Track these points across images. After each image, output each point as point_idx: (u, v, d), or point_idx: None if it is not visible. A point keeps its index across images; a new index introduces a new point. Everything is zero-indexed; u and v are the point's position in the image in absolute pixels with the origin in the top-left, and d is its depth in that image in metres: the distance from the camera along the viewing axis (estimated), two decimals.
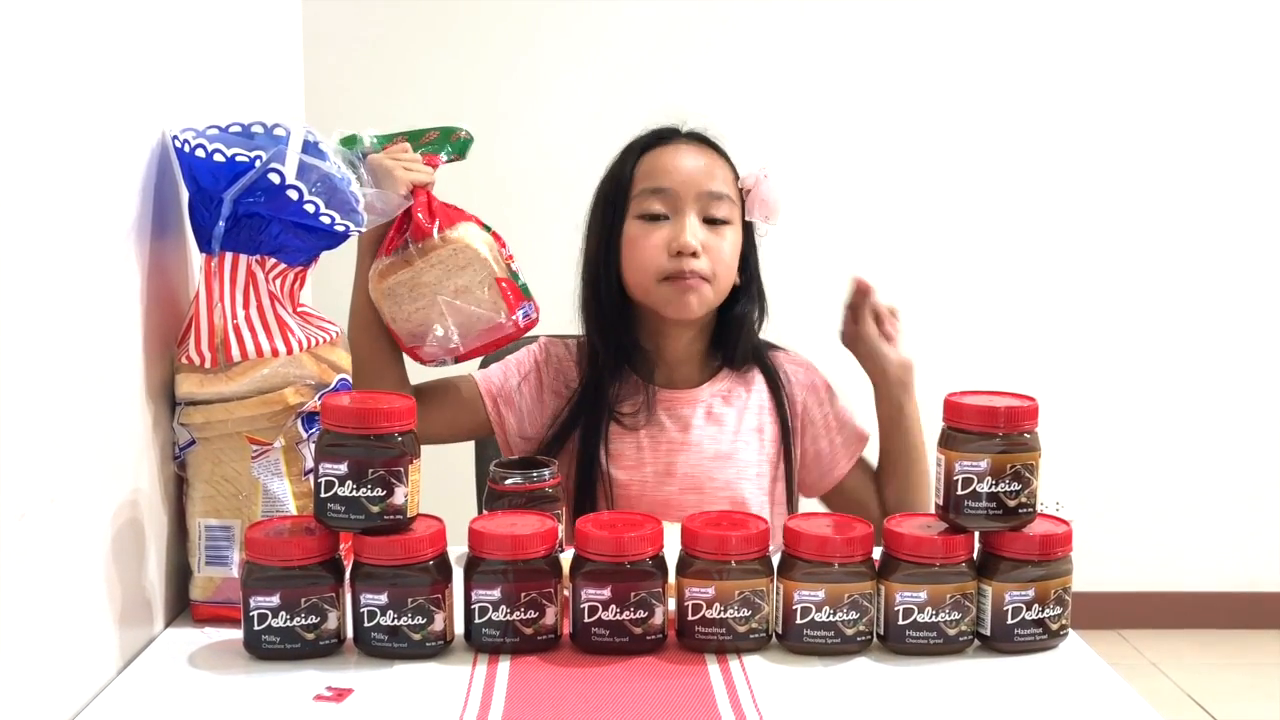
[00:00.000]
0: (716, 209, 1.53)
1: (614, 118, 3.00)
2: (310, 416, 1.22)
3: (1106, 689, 1.10)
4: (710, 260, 1.52)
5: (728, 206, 1.54)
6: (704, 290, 1.52)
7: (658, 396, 1.59)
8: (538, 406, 1.59)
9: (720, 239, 1.53)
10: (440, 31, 3.09)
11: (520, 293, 1.49)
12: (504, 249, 1.49)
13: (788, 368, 1.65)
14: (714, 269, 1.52)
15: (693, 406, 1.59)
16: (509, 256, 1.49)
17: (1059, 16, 3.16)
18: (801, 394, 1.64)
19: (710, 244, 1.52)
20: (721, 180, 1.54)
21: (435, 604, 1.11)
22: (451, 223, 1.46)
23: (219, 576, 1.21)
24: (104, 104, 1.10)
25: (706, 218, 1.52)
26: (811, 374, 1.66)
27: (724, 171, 1.56)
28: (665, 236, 1.51)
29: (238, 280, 1.21)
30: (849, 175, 3.16)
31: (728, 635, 1.13)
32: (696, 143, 1.57)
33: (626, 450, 1.56)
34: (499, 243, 1.50)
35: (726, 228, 1.54)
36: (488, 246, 1.47)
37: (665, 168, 1.54)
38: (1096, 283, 3.25)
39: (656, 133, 1.58)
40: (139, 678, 1.10)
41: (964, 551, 1.15)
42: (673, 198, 1.52)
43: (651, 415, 1.57)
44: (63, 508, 1.01)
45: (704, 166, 1.54)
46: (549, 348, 1.63)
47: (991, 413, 1.14)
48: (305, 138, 1.23)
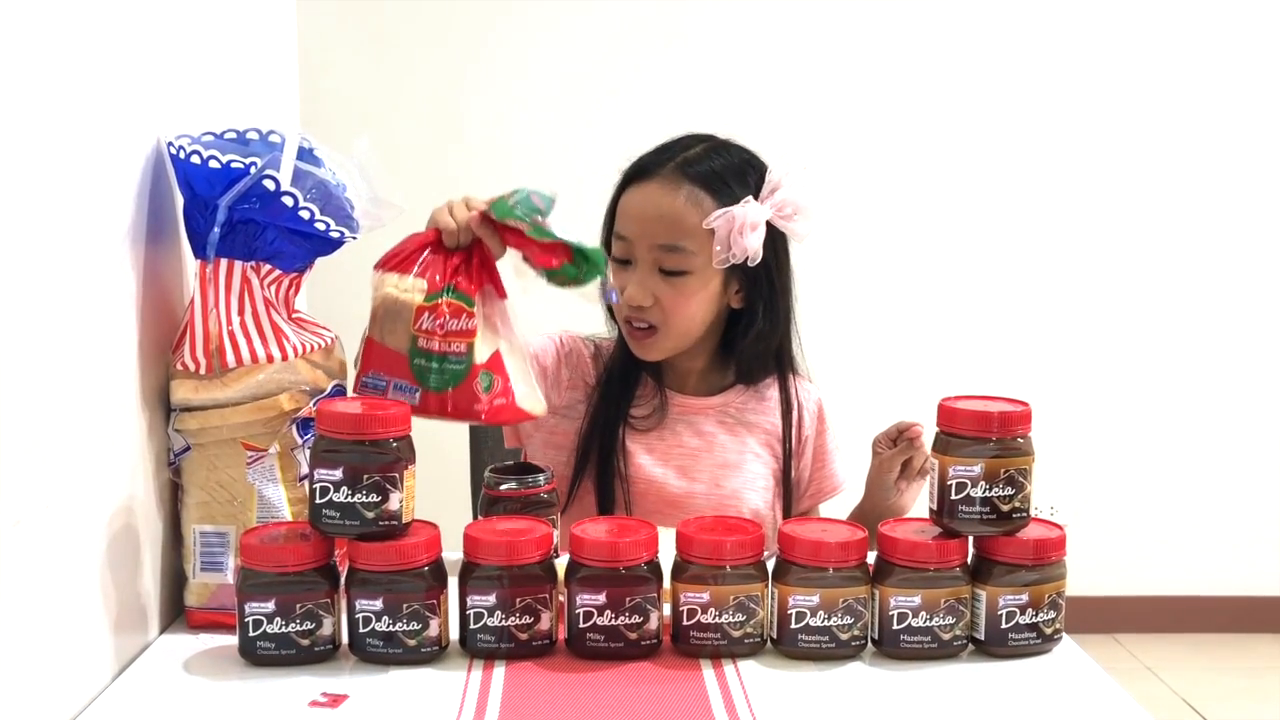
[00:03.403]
0: (670, 261, 1.48)
1: (613, 120, 3.02)
2: (305, 422, 1.22)
3: (1101, 693, 1.10)
4: (662, 311, 1.49)
5: (686, 257, 1.48)
6: (653, 340, 1.52)
7: (672, 400, 1.59)
8: (555, 391, 1.58)
9: (674, 290, 1.49)
10: (435, 38, 3.09)
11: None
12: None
13: (802, 395, 1.64)
14: (665, 319, 1.50)
15: (705, 415, 1.59)
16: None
17: (1052, 19, 3.16)
18: (810, 423, 1.64)
19: (662, 295, 1.49)
20: (684, 227, 1.47)
21: (430, 610, 1.11)
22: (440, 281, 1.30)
23: (214, 582, 1.21)
24: (99, 110, 1.10)
25: (662, 269, 1.49)
26: (819, 405, 1.66)
27: (693, 214, 1.47)
28: (624, 282, 1.50)
29: (233, 286, 1.21)
30: (845, 181, 3.16)
31: (723, 640, 1.14)
32: (674, 178, 1.48)
33: (641, 449, 1.57)
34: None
35: (685, 277, 1.49)
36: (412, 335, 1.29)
37: (630, 213, 1.50)
38: (1091, 287, 3.25)
39: (639, 165, 1.52)
40: (134, 684, 1.10)
41: (958, 556, 1.16)
42: (630, 246, 1.50)
43: (665, 418, 1.58)
44: (58, 514, 1.01)
45: (667, 214, 1.47)
46: (568, 341, 1.62)
47: (985, 417, 1.14)
48: (300, 144, 1.23)
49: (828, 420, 1.65)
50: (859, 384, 3.03)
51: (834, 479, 1.65)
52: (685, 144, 1.53)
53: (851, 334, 3.16)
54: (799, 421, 1.61)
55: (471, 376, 1.28)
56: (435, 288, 1.28)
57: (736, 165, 1.52)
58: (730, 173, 1.50)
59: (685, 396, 1.60)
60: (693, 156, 1.50)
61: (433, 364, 1.27)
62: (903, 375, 3.16)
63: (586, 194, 1.61)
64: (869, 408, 3.12)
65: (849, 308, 3.17)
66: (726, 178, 1.49)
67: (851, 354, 3.11)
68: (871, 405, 3.04)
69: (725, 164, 1.51)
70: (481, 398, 1.29)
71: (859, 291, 3.18)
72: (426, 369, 1.27)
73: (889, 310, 3.21)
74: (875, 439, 1.55)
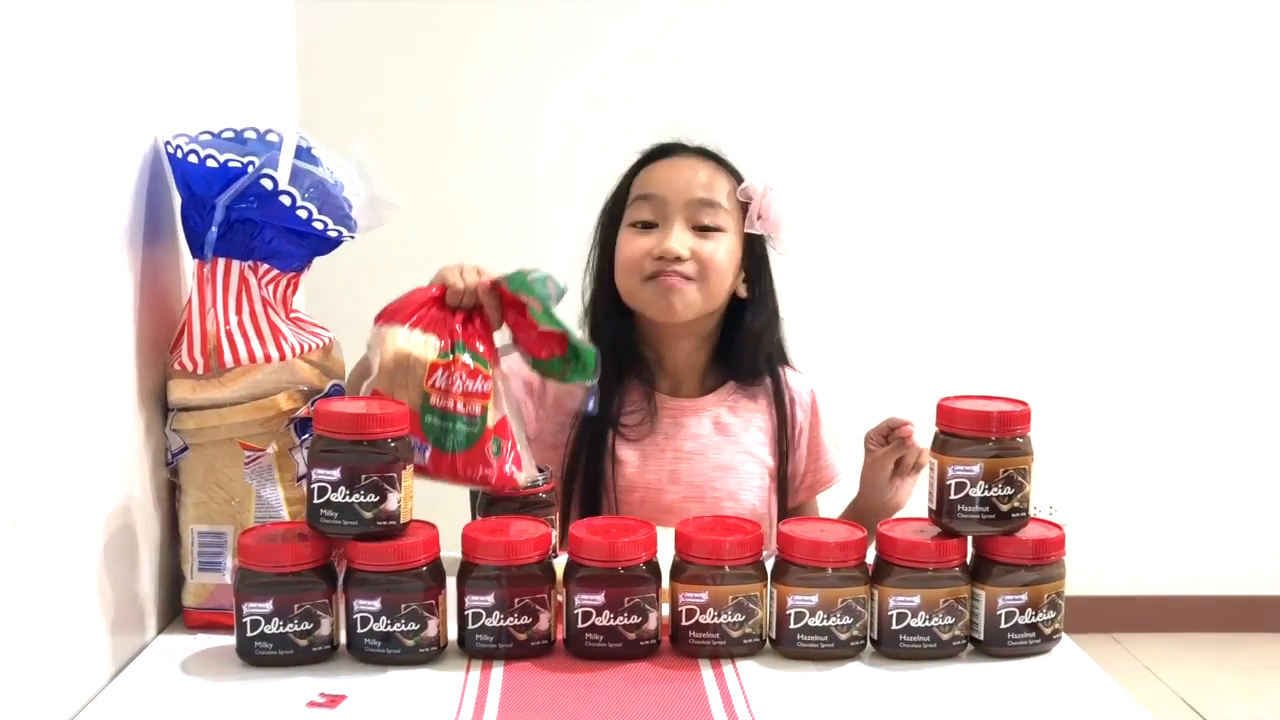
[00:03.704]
0: (706, 216, 1.52)
1: (610, 122, 3.02)
2: (303, 422, 1.22)
3: (1100, 692, 1.10)
4: (698, 264, 1.51)
5: (721, 214, 1.53)
6: (687, 290, 1.51)
7: (663, 405, 1.58)
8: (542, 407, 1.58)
9: (711, 243, 1.52)
10: (433, 37, 3.08)
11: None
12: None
13: (795, 386, 1.64)
14: (701, 271, 1.51)
15: (698, 416, 1.59)
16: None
17: (1048, 20, 3.16)
18: (803, 416, 1.64)
19: (698, 249, 1.51)
20: (716, 189, 1.54)
21: (429, 610, 1.11)
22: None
23: (212, 583, 1.21)
24: (97, 110, 1.10)
25: (696, 225, 1.52)
26: (813, 397, 1.66)
27: (723, 182, 1.55)
28: (652, 241, 1.51)
29: (230, 286, 1.20)
30: (843, 182, 3.16)
31: (721, 640, 1.13)
32: (698, 156, 1.58)
33: (631, 457, 1.56)
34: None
35: (719, 234, 1.53)
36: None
37: (659, 177, 1.55)
38: (1089, 287, 3.25)
39: (660, 147, 1.59)
40: (131, 684, 1.10)
41: (957, 556, 1.15)
42: (661, 204, 1.52)
43: (655, 424, 1.57)
44: (55, 514, 1.01)
45: (698, 176, 1.54)
46: None
47: (984, 417, 1.14)
48: (298, 143, 1.23)
49: (822, 412, 1.65)
50: (859, 384, 3.03)
51: (830, 470, 1.65)
52: (680, 142, 1.60)
53: (851, 334, 3.16)
54: (791, 410, 1.62)
55: (484, 440, 1.25)
56: (445, 346, 1.26)
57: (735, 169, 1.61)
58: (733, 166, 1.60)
59: (678, 399, 1.59)
60: (706, 149, 1.59)
61: (446, 423, 1.23)
62: (902, 375, 3.16)
63: (585, 192, 1.61)
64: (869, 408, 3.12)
65: (848, 307, 3.17)
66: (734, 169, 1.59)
67: (851, 354, 3.12)
68: (871, 405, 3.05)
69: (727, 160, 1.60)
70: (492, 462, 1.26)
71: (859, 291, 3.18)
72: (438, 428, 1.23)
73: (888, 310, 3.20)
74: (866, 435, 1.56)
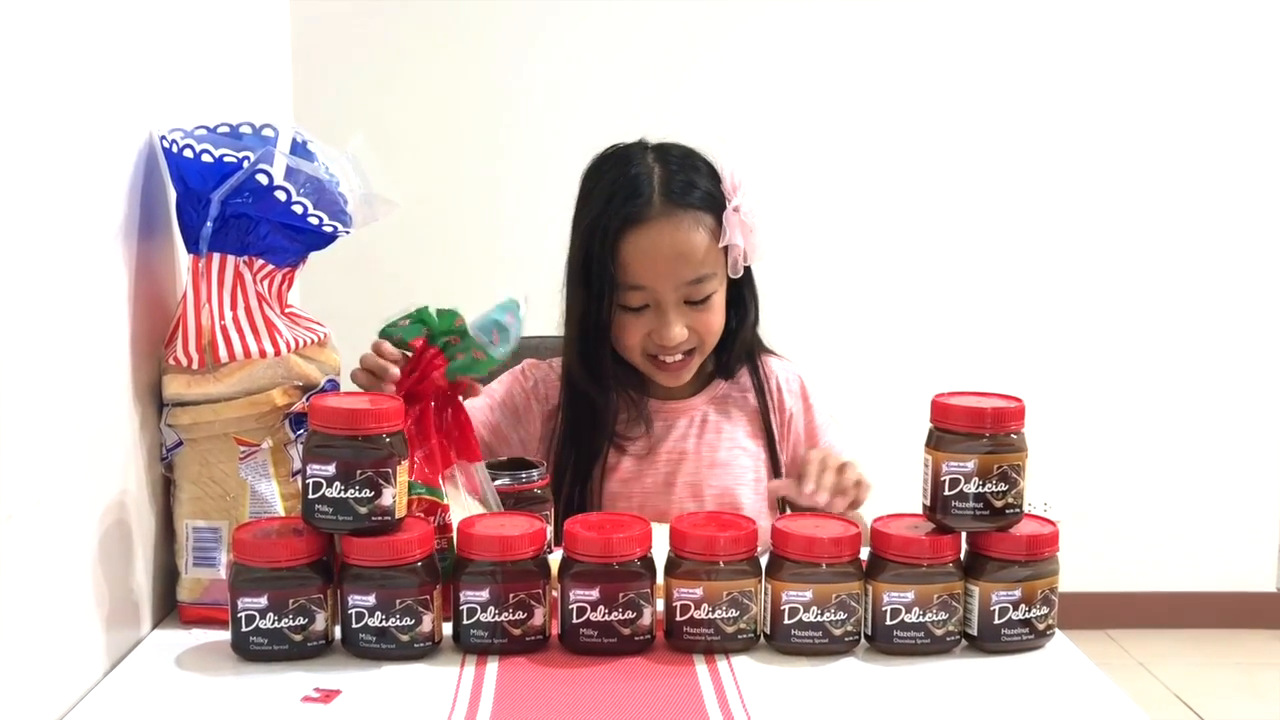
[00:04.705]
0: (698, 292, 1.48)
1: (608, 118, 3.01)
2: (298, 417, 1.22)
3: (1093, 688, 1.10)
4: (698, 334, 1.51)
5: (711, 280, 1.49)
6: (691, 362, 1.53)
7: (652, 409, 1.59)
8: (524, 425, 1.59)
9: (706, 312, 1.50)
10: (429, 31, 3.08)
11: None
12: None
13: (781, 375, 1.64)
14: (701, 341, 1.52)
15: (688, 416, 1.59)
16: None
17: (1044, 17, 3.16)
18: (791, 401, 1.64)
19: (695, 322, 1.50)
20: (704, 258, 1.47)
21: (423, 605, 1.11)
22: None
23: (206, 578, 1.21)
24: (91, 104, 1.10)
25: (689, 300, 1.49)
26: (800, 382, 1.66)
27: (704, 241, 1.47)
28: (647, 324, 1.49)
29: (225, 281, 1.20)
30: (838, 177, 3.16)
31: (716, 636, 1.14)
32: (671, 213, 1.46)
33: (624, 464, 1.57)
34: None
35: (712, 296, 1.50)
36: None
37: (643, 262, 1.46)
38: (1083, 283, 3.25)
39: (627, 215, 1.46)
40: (126, 679, 1.10)
41: (951, 552, 1.16)
42: (653, 294, 1.48)
43: (649, 429, 1.58)
44: (50, 509, 1.01)
45: (684, 252, 1.46)
46: (530, 372, 1.62)
47: (978, 413, 1.14)
48: (293, 138, 1.23)
49: (812, 397, 1.65)
50: (854, 381, 3.04)
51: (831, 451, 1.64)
52: (642, 170, 1.49)
53: (846, 330, 3.16)
54: (777, 397, 1.62)
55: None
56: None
57: (701, 169, 1.51)
58: (704, 179, 1.50)
59: (666, 402, 1.59)
60: (667, 180, 1.47)
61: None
62: (897, 372, 3.16)
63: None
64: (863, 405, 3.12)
65: (844, 306, 3.17)
66: (708, 188, 1.49)
67: (846, 351, 3.12)
68: (866, 402, 3.06)
69: (695, 172, 1.50)
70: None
71: (854, 289, 3.18)
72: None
73: (883, 307, 3.21)
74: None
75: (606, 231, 1.46)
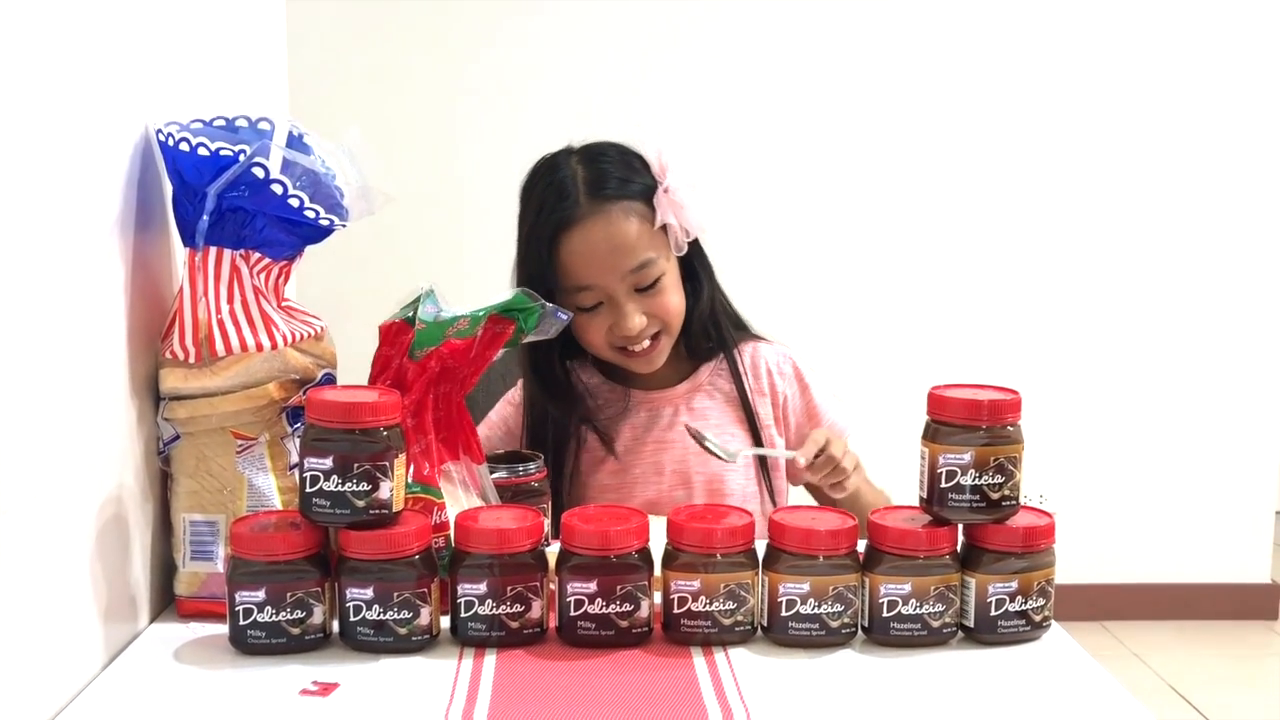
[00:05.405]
0: (645, 278, 1.49)
1: (604, 111, 3.02)
2: (295, 411, 1.22)
3: (1089, 679, 1.10)
4: (658, 318, 1.52)
5: (656, 263, 1.50)
6: (659, 346, 1.54)
7: (637, 400, 1.60)
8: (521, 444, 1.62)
9: (659, 295, 1.51)
10: (424, 24, 3.08)
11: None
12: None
13: (771, 359, 1.65)
14: (664, 323, 1.53)
15: (673, 405, 1.60)
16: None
17: (1042, 14, 3.16)
18: (784, 385, 1.64)
19: (651, 307, 1.51)
20: (641, 243, 1.48)
21: (421, 598, 1.11)
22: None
23: (204, 571, 1.21)
24: (87, 98, 1.09)
25: (639, 287, 1.50)
26: (793, 364, 1.66)
27: (638, 227, 1.48)
28: (605, 320, 1.51)
29: (222, 275, 1.20)
30: (836, 170, 3.16)
31: (713, 628, 1.14)
32: (600, 208, 1.48)
33: (612, 457, 1.58)
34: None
35: (661, 279, 1.51)
36: None
37: (583, 262, 1.48)
38: (1079, 276, 3.26)
39: (558, 220, 1.48)
40: (124, 673, 1.10)
41: (947, 544, 1.16)
42: (601, 290, 1.49)
43: (634, 418, 1.59)
44: (46, 503, 1.01)
45: (620, 243, 1.47)
46: (518, 393, 1.64)
47: (975, 405, 1.14)
48: (290, 131, 1.23)
49: (808, 377, 1.66)
50: (851, 375, 3.04)
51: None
52: (566, 173, 1.50)
53: (842, 323, 3.16)
54: (767, 381, 1.63)
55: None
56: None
57: (622, 160, 1.52)
58: (627, 170, 1.51)
59: (649, 392, 1.61)
60: (592, 178, 1.49)
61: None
62: (893, 364, 3.17)
63: None
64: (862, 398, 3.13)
65: (840, 299, 3.17)
66: (629, 177, 1.50)
67: (842, 344, 3.12)
68: (863, 395, 3.06)
69: (618, 164, 1.51)
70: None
71: (851, 282, 3.19)
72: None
73: (879, 299, 3.21)
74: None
75: (542, 239, 1.49)
